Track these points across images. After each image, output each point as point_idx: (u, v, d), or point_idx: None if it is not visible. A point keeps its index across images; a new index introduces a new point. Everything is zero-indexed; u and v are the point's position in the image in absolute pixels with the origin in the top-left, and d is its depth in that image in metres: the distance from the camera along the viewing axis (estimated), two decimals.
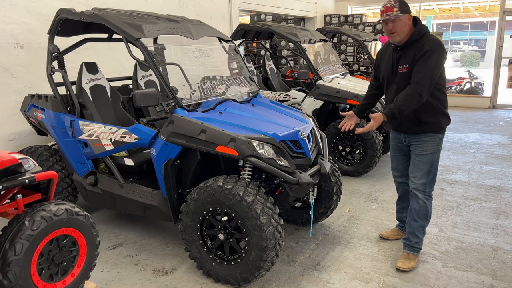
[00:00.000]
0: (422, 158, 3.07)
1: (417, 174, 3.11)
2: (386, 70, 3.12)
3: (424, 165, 3.07)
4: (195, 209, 2.91)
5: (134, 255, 3.46)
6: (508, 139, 7.22)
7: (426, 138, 3.04)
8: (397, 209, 3.61)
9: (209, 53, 3.89)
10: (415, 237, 3.19)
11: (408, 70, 2.93)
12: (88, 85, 3.94)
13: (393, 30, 2.92)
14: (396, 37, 2.93)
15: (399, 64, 3.00)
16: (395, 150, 3.34)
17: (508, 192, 4.72)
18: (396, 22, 2.89)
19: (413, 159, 3.14)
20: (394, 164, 3.42)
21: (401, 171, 3.38)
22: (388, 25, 2.93)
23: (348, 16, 10.94)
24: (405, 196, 3.47)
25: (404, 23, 2.90)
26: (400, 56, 3.00)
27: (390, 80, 3.11)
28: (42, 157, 3.86)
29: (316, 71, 5.57)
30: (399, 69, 2.99)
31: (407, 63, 2.94)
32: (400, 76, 2.99)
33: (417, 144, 3.08)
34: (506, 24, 10.22)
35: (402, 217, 3.57)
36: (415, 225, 3.18)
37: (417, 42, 2.91)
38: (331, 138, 5.26)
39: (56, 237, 2.39)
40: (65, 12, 3.48)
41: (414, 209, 3.17)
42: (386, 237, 3.61)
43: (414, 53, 2.90)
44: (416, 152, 3.10)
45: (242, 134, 2.86)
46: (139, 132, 3.27)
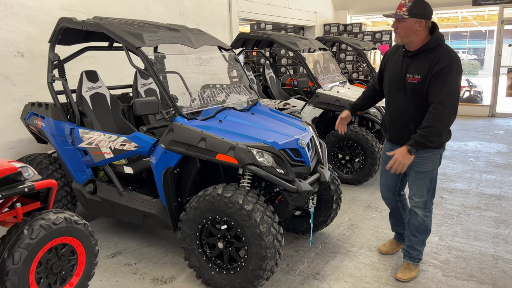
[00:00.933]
0: (421, 175, 2.92)
1: (417, 192, 2.97)
2: (393, 75, 2.88)
3: (424, 182, 2.93)
4: (195, 218, 2.90)
5: (133, 263, 3.44)
6: (508, 148, 7.22)
7: (426, 154, 2.85)
8: (391, 222, 3.53)
9: (209, 61, 3.91)
10: (414, 250, 3.15)
11: (419, 82, 2.69)
12: (88, 93, 3.95)
13: (396, 30, 2.75)
14: (397, 38, 2.76)
15: (408, 72, 2.76)
16: (387, 163, 2.95)
17: (508, 201, 4.71)
18: (400, 23, 2.70)
19: (412, 176, 2.97)
20: (384, 179, 3.24)
21: (391, 186, 3.22)
22: (394, 23, 2.75)
23: (348, 25, 11.01)
24: (396, 211, 3.36)
25: (409, 27, 2.67)
26: (410, 64, 2.77)
27: (396, 87, 2.86)
28: (41, 165, 3.86)
29: (315, 79, 5.59)
30: (408, 78, 2.75)
31: (419, 73, 2.69)
32: (409, 86, 2.75)
33: (417, 160, 2.85)
34: (505, 33, 10.28)
35: (398, 229, 3.48)
36: (415, 240, 3.11)
37: (432, 52, 2.68)
38: (330, 146, 5.26)
39: (55, 246, 2.39)
40: (66, 21, 3.50)
41: (413, 225, 3.07)
42: (386, 252, 3.50)
43: (429, 64, 2.65)
44: (416, 169, 2.92)
45: (241, 142, 2.86)
46: (138, 140, 3.27)
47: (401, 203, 3.34)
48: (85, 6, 5.05)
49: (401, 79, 2.81)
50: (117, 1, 5.46)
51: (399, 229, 3.46)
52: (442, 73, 2.59)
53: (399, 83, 2.83)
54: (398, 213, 3.37)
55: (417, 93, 2.73)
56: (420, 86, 2.70)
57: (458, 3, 10.37)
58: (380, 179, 3.30)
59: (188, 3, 6.61)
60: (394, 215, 3.42)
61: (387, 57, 3.06)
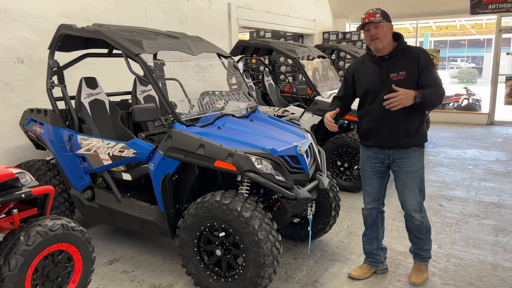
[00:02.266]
0: (412, 175, 2.96)
1: (411, 194, 3.00)
2: (372, 82, 2.99)
3: (415, 182, 2.98)
4: (193, 225, 2.89)
5: (130, 271, 3.42)
6: (506, 156, 7.23)
7: (414, 153, 2.96)
8: (364, 241, 3.32)
9: (208, 68, 3.92)
10: (423, 251, 3.17)
11: (406, 77, 2.88)
12: (88, 99, 3.95)
13: (375, 36, 2.87)
14: (378, 43, 2.87)
15: (390, 72, 2.91)
16: (370, 172, 3.12)
17: (507, 208, 4.70)
18: (378, 28, 2.86)
19: (402, 178, 3.00)
20: (367, 188, 3.19)
21: (374, 195, 3.18)
22: (371, 31, 2.88)
23: (346, 33, 11.07)
24: (375, 224, 3.25)
25: (386, 31, 2.88)
26: (390, 65, 2.93)
27: (379, 89, 2.95)
28: (39, 171, 3.85)
29: (314, 87, 5.61)
30: (393, 77, 2.90)
31: (403, 70, 2.89)
32: (395, 83, 2.85)
33: (406, 160, 2.95)
34: (502, 41, 10.35)
35: (372, 249, 3.27)
36: (420, 242, 3.14)
37: (406, 51, 2.93)
38: (329, 153, 5.26)
39: (51, 253, 2.37)
40: (66, 27, 3.52)
41: (413, 229, 3.10)
42: (357, 277, 3.25)
43: (412, 61, 2.88)
44: (405, 169, 2.96)
45: (240, 149, 2.86)
46: (137, 147, 3.27)
47: (381, 214, 3.28)
48: (85, 13, 5.08)
49: (381, 82, 2.94)
50: (117, 9, 5.49)
51: (373, 247, 3.27)
52: (429, 65, 2.90)
53: (380, 86, 2.95)
54: (376, 227, 3.25)
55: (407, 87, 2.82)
56: (407, 80, 2.88)
57: (456, 11, 10.45)
58: (364, 189, 3.24)
59: (188, 10, 6.65)
60: (371, 230, 3.26)
61: (352, 71, 3.16)
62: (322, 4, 11.17)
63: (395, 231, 4.13)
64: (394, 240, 3.93)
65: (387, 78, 2.92)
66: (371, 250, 3.29)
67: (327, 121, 3.04)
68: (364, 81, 3.06)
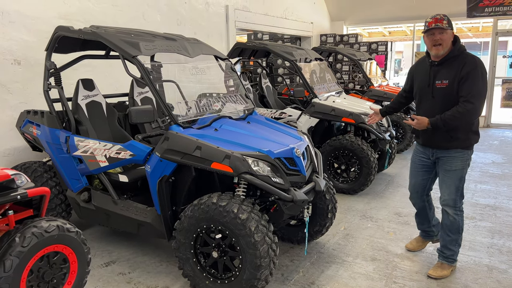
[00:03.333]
0: (451, 174, 3.14)
1: (446, 190, 3.18)
2: (421, 84, 3.18)
3: (453, 181, 3.14)
4: (189, 227, 2.88)
5: (127, 273, 3.41)
6: (502, 158, 7.26)
7: (456, 154, 3.10)
8: (417, 221, 3.68)
9: (206, 70, 3.93)
10: (448, 250, 3.28)
11: (448, 86, 2.98)
12: (85, 101, 3.95)
13: (440, 41, 2.95)
14: (440, 49, 2.97)
15: (436, 79, 3.04)
16: (417, 165, 3.38)
17: (503, 211, 4.72)
18: (443, 34, 2.94)
19: (442, 175, 3.21)
20: (413, 180, 3.46)
21: (419, 187, 3.43)
22: (436, 35, 2.95)
23: (344, 36, 11.11)
24: (423, 211, 3.54)
25: (450, 38, 2.97)
26: (438, 72, 3.04)
27: (425, 94, 3.14)
28: (36, 173, 3.84)
29: (311, 89, 5.62)
30: (437, 84, 3.03)
31: (447, 79, 2.98)
32: (438, 91, 3.03)
33: (446, 159, 3.14)
34: (499, 44, 10.40)
35: (424, 228, 3.64)
36: (448, 240, 3.25)
37: (457, 59, 2.97)
38: (326, 155, 5.27)
39: (47, 254, 2.37)
40: (63, 29, 3.52)
41: (445, 225, 3.25)
42: (412, 249, 3.67)
43: (455, 69, 2.95)
44: (445, 167, 3.16)
45: (237, 151, 2.86)
46: (134, 149, 3.27)
47: (428, 202, 3.53)
48: (83, 15, 5.08)
49: (428, 86, 3.10)
50: (114, 10, 5.49)
51: (424, 227, 3.62)
52: (470, 75, 2.89)
53: (426, 91, 3.13)
54: (424, 212, 3.54)
55: (446, 97, 3.00)
56: (449, 89, 2.98)
57: (453, 15, 10.48)
58: (410, 180, 3.49)
59: (185, 12, 6.66)
60: (420, 215, 3.59)
61: (413, 71, 3.38)
62: (319, 6, 11.20)
63: (391, 233, 4.14)
64: (390, 242, 3.93)
65: (433, 85, 3.07)
66: (423, 228, 3.65)
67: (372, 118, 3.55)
68: (416, 83, 3.28)
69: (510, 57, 10.95)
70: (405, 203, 5.01)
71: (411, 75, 3.41)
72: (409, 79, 3.45)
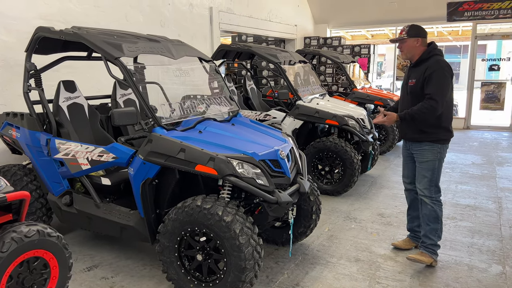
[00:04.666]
0: (423, 165, 3.46)
1: (421, 181, 3.48)
2: (402, 84, 3.66)
3: (426, 171, 3.44)
4: (173, 230, 2.86)
5: (109, 277, 3.36)
6: (482, 159, 7.42)
7: (426, 146, 3.43)
8: (408, 219, 3.86)
9: (190, 72, 3.91)
10: (428, 239, 3.50)
11: (414, 85, 3.41)
12: (66, 103, 3.89)
13: (400, 49, 3.53)
14: (403, 55, 3.55)
15: (409, 78, 3.49)
16: (405, 157, 3.71)
17: (482, 211, 4.82)
18: (402, 43, 3.47)
19: (417, 166, 3.53)
20: (404, 171, 3.76)
21: (410, 177, 3.69)
22: (398, 45, 3.53)
23: (327, 39, 11.20)
24: (414, 204, 3.73)
25: (410, 45, 3.44)
26: (411, 72, 3.51)
27: (403, 91, 3.61)
28: (15, 176, 3.76)
29: (295, 91, 5.65)
30: (409, 83, 3.48)
31: (415, 78, 3.41)
32: (410, 88, 3.47)
33: (419, 151, 3.48)
34: (478, 48, 10.64)
35: (413, 226, 3.79)
36: (427, 229, 3.49)
37: (426, 62, 3.38)
38: (310, 157, 5.30)
39: (27, 259, 2.32)
40: (43, 30, 3.46)
41: (424, 214, 3.50)
42: (399, 247, 3.82)
43: (422, 70, 3.35)
44: (418, 159, 3.50)
45: (221, 153, 2.86)
46: (116, 151, 3.23)
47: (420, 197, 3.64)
48: (64, 16, 4.99)
49: (405, 85, 3.56)
50: (96, 11, 5.42)
51: (414, 225, 3.79)
52: (433, 76, 3.30)
53: (404, 88, 3.60)
54: (415, 206, 3.71)
55: (413, 94, 3.43)
56: (415, 87, 3.41)
57: (433, 18, 10.71)
58: (403, 172, 3.78)
59: (169, 14, 6.62)
60: (411, 208, 3.79)
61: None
62: (303, 9, 11.28)
63: (375, 234, 4.18)
64: (373, 242, 3.98)
65: (407, 83, 3.53)
66: (412, 227, 3.81)
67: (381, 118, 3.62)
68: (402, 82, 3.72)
69: (489, 60, 11.23)
70: (388, 204, 5.08)
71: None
72: None
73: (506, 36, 10.68)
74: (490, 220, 4.53)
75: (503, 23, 10.47)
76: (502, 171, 6.57)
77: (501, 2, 9.74)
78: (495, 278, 3.32)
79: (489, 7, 9.87)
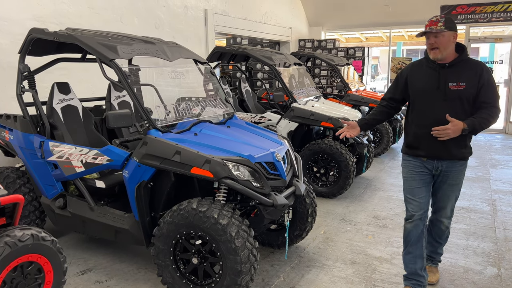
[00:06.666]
0: (455, 188, 2.99)
1: (449, 203, 3.04)
2: (427, 87, 2.88)
3: (455, 194, 3.03)
4: (168, 233, 2.84)
5: (104, 281, 3.33)
6: (476, 162, 7.47)
7: (462, 166, 2.95)
8: (407, 259, 3.05)
9: (185, 74, 3.89)
10: (437, 254, 3.33)
11: (465, 89, 2.77)
12: (60, 105, 3.86)
13: (434, 45, 2.77)
14: (438, 53, 2.78)
15: (449, 81, 2.80)
16: (420, 181, 2.96)
17: (477, 213, 4.84)
18: (438, 37, 2.75)
19: (444, 189, 2.99)
20: (417, 199, 2.97)
21: (425, 205, 2.98)
22: (430, 39, 2.79)
23: (322, 41, 11.24)
24: (420, 240, 3.00)
25: (448, 40, 2.76)
26: (450, 73, 2.82)
27: (434, 97, 2.85)
28: (8, 179, 3.72)
29: (291, 93, 5.65)
30: (451, 87, 2.79)
31: (463, 81, 2.78)
32: (453, 93, 2.79)
33: (454, 172, 2.93)
34: (471, 51, 10.72)
35: (417, 269, 3.01)
36: (437, 245, 3.27)
37: (468, 63, 2.83)
38: (305, 159, 5.30)
39: (21, 264, 2.29)
40: (37, 31, 3.42)
41: (436, 234, 3.20)
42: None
43: (473, 73, 2.78)
44: (450, 181, 2.95)
45: (217, 156, 2.84)
46: (111, 154, 3.20)
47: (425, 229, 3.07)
48: (58, 18, 4.96)
49: (438, 89, 2.83)
50: (91, 13, 5.39)
51: (417, 267, 3.02)
52: (490, 82, 2.80)
53: (435, 94, 2.85)
54: (420, 244, 3.00)
55: (461, 99, 2.80)
56: (466, 92, 2.78)
57: None
58: (411, 200, 3.00)
59: (164, 16, 6.60)
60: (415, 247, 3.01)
61: (407, 74, 3.03)
62: (298, 12, 11.31)
63: (370, 236, 4.19)
64: (369, 245, 3.98)
65: (445, 86, 2.82)
66: (415, 269, 3.01)
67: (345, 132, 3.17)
68: (418, 86, 2.94)
69: None
70: (383, 206, 5.09)
71: (403, 80, 3.04)
72: (400, 84, 3.07)
73: (499, 39, 10.78)
74: (485, 222, 4.55)
75: (496, 26, 10.56)
76: (495, 173, 6.61)
77: (494, 6, 9.83)
78: (490, 280, 3.34)
79: (482, 10, 9.96)
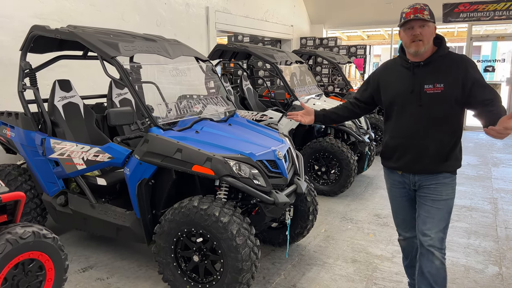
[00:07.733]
0: (440, 204, 2.42)
1: (434, 226, 2.42)
2: (400, 91, 2.44)
3: (443, 214, 2.43)
4: (169, 230, 2.84)
5: (105, 278, 3.33)
6: (477, 160, 7.45)
7: (445, 180, 2.42)
8: (410, 273, 2.84)
9: (186, 72, 3.89)
10: None
11: (443, 91, 2.32)
12: (61, 102, 3.85)
13: (420, 37, 2.29)
14: (421, 46, 2.31)
15: (425, 83, 2.35)
16: (400, 198, 2.62)
17: (478, 212, 4.84)
18: (424, 28, 2.29)
19: (428, 207, 2.45)
20: (401, 216, 2.66)
21: (409, 223, 2.63)
22: (415, 30, 2.30)
23: (323, 39, 11.21)
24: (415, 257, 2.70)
25: (432, 32, 2.33)
26: (425, 74, 2.37)
27: (408, 102, 2.41)
28: (10, 176, 3.72)
29: (292, 91, 5.64)
30: (427, 89, 2.34)
31: (441, 82, 2.32)
32: (429, 97, 2.34)
33: (434, 187, 2.43)
34: (473, 49, 10.69)
35: None
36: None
37: (448, 58, 2.37)
38: (307, 158, 5.29)
39: (22, 261, 2.29)
40: (39, 28, 3.42)
41: (429, 273, 2.44)
42: None
43: (453, 71, 2.32)
44: (433, 197, 2.43)
45: (218, 154, 2.84)
46: (112, 151, 3.20)
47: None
48: (59, 15, 4.95)
49: (412, 93, 2.39)
50: (92, 10, 5.38)
51: None
52: (479, 78, 2.31)
53: (409, 98, 2.41)
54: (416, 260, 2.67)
55: (439, 103, 2.35)
56: (445, 94, 2.33)
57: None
58: (396, 217, 2.71)
59: (165, 13, 6.59)
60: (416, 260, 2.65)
61: (378, 77, 2.61)
62: (299, 10, 11.28)
63: (371, 234, 4.18)
64: (370, 243, 3.98)
65: (419, 90, 2.37)
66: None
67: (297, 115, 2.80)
68: (390, 90, 2.51)
69: (484, 61, 11.28)
70: (384, 204, 5.08)
71: (375, 83, 2.61)
72: (370, 88, 2.65)
73: (501, 37, 10.75)
74: (486, 221, 4.55)
75: (498, 24, 10.53)
76: (497, 172, 6.60)
77: (496, 4, 9.79)
78: (492, 279, 3.33)
79: (484, 8, 9.92)
